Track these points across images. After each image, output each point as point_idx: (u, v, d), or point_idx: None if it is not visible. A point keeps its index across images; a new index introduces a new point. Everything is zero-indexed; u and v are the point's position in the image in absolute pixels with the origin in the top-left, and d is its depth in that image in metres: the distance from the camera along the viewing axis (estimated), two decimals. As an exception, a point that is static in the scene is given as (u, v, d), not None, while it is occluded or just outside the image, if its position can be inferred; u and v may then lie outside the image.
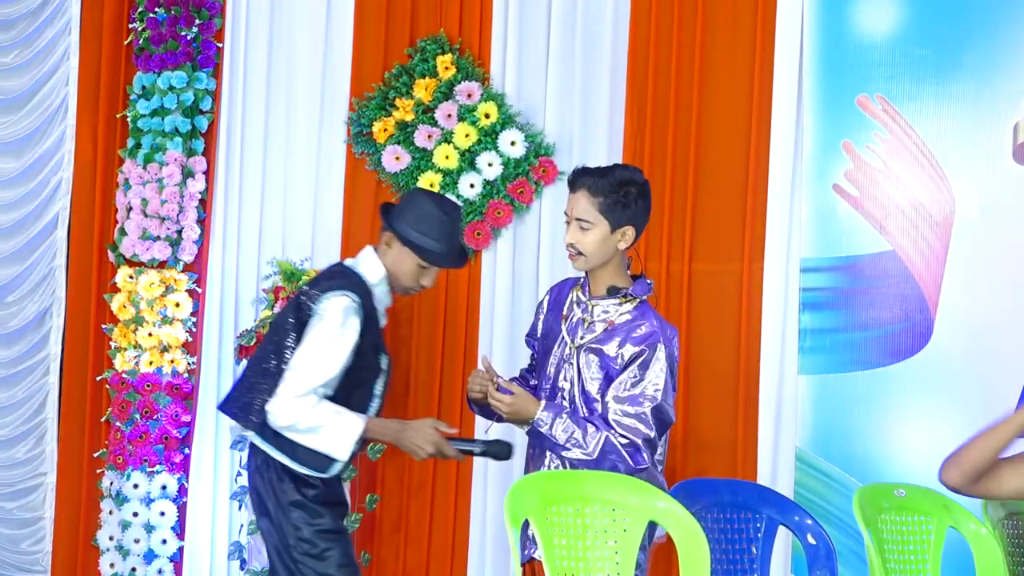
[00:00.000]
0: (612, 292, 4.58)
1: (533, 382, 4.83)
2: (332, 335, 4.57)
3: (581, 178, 4.61)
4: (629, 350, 4.48)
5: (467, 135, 6.61)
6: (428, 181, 6.63)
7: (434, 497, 6.66)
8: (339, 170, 6.91)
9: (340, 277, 4.74)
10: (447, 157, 6.62)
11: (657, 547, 5.88)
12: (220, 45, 7.03)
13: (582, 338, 4.54)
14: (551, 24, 6.62)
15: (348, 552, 4.75)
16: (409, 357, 6.72)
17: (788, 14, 6.26)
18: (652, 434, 4.43)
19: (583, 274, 4.74)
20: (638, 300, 4.58)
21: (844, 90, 6.17)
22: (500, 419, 4.63)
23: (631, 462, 4.40)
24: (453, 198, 6.62)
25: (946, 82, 6.04)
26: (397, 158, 6.72)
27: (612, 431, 4.41)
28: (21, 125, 7.32)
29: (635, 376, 4.46)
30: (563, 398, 4.54)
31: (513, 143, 6.56)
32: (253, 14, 7.03)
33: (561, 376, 4.56)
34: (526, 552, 4.45)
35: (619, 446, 4.39)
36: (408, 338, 6.74)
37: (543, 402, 4.50)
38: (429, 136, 6.67)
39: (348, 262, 4.90)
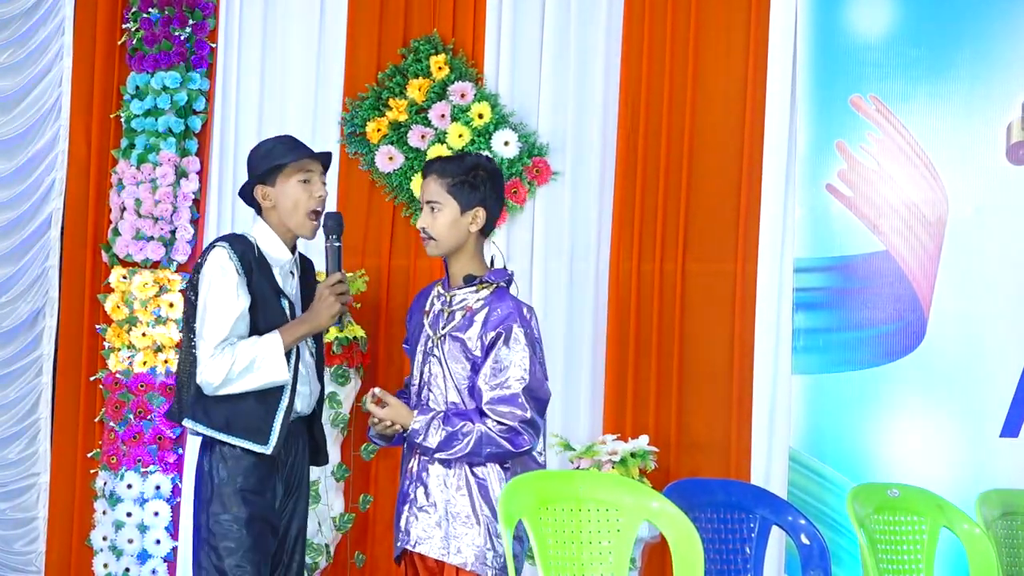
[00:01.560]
0: (468, 280, 4.54)
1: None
2: (213, 286, 4.60)
3: (431, 164, 4.61)
4: (488, 335, 4.44)
5: (460, 135, 6.61)
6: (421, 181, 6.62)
7: (428, 497, 6.65)
8: (332, 170, 6.88)
9: (220, 236, 4.82)
10: (441, 157, 6.62)
11: (651, 547, 5.90)
12: (213, 45, 7.03)
13: (443, 328, 4.53)
14: (544, 24, 6.62)
15: (249, 555, 4.66)
16: (403, 358, 6.71)
17: (781, 14, 6.27)
18: (529, 415, 4.36)
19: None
20: (494, 286, 4.54)
21: (837, 90, 6.17)
22: (399, 439, 4.61)
23: (511, 447, 4.34)
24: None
25: (939, 82, 6.04)
26: (391, 158, 6.72)
27: (487, 420, 4.38)
28: (14, 125, 7.31)
29: (497, 360, 4.42)
30: (430, 391, 4.53)
31: (507, 143, 6.56)
32: (246, 14, 7.03)
33: (427, 369, 4.55)
34: (397, 544, 4.51)
35: (495, 435, 4.34)
36: (401, 338, 6.72)
37: (415, 412, 4.49)
38: (423, 136, 6.67)
39: None
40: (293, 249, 4.78)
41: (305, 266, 4.91)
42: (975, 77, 5.99)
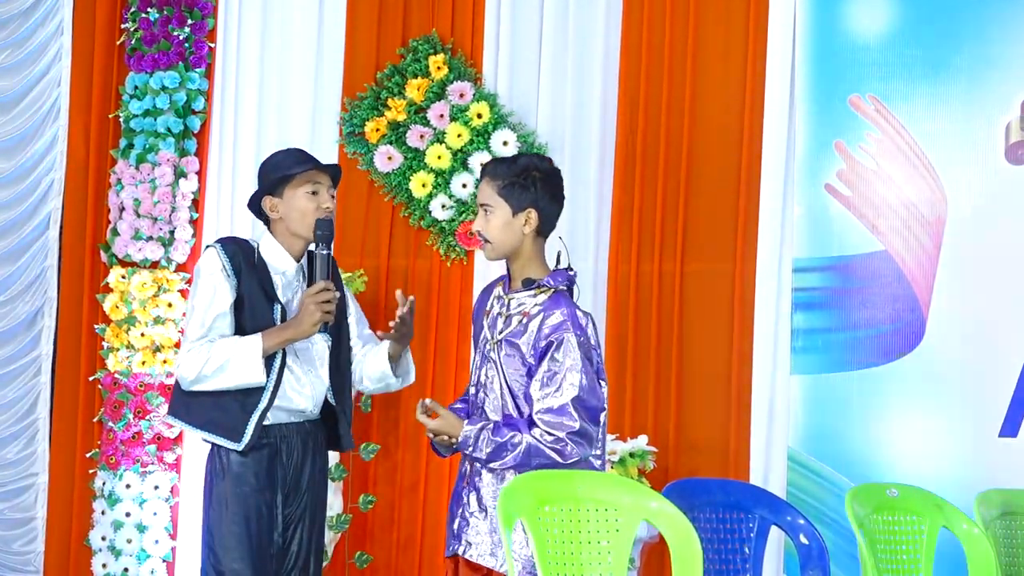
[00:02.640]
0: (527, 284, 4.53)
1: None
2: (198, 284, 4.69)
3: (485, 166, 4.60)
4: (540, 343, 4.42)
5: (459, 135, 6.61)
6: (421, 181, 6.63)
7: (426, 497, 6.65)
8: (331, 170, 6.90)
9: (219, 239, 4.85)
10: (439, 157, 6.62)
11: (650, 547, 5.89)
12: (212, 45, 7.03)
13: (500, 332, 4.52)
14: (543, 24, 6.62)
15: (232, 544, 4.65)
16: (402, 357, 6.71)
17: (780, 14, 6.27)
18: (578, 425, 4.34)
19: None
20: (552, 290, 4.52)
21: (836, 90, 6.17)
22: (452, 449, 4.59)
23: (559, 458, 4.32)
24: (445, 198, 6.62)
25: (938, 82, 6.04)
26: (389, 158, 6.72)
27: (535, 431, 4.35)
28: (13, 125, 7.31)
29: (549, 369, 4.39)
30: (486, 394, 4.52)
31: (505, 143, 6.56)
32: (245, 14, 7.03)
33: (483, 373, 4.54)
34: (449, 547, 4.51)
35: (544, 446, 4.32)
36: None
37: (465, 422, 4.47)
38: (421, 136, 6.67)
39: None
40: (299, 259, 4.78)
41: (319, 268, 4.84)
42: (974, 77, 5.99)
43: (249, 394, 4.62)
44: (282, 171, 4.77)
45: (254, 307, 4.66)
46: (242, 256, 4.67)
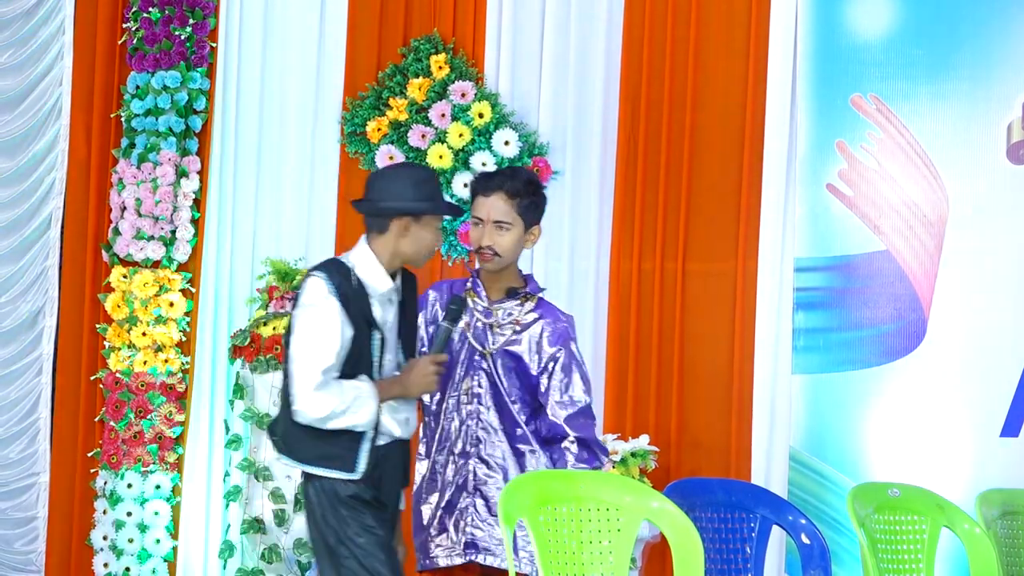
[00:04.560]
0: (512, 294, 4.59)
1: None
2: (313, 315, 4.42)
3: (493, 181, 4.59)
4: (546, 351, 4.53)
5: (461, 135, 6.61)
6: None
7: (428, 496, 6.65)
8: (333, 170, 6.91)
9: (315, 266, 4.60)
10: (441, 157, 6.62)
11: (651, 546, 5.90)
12: (214, 45, 7.03)
13: (495, 343, 4.55)
14: (545, 24, 6.62)
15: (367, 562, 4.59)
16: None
17: (782, 14, 6.27)
18: (595, 433, 4.52)
19: (469, 280, 4.67)
20: (537, 297, 4.59)
21: (838, 90, 6.17)
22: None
23: (598, 463, 4.49)
24: (447, 198, 6.63)
25: (940, 82, 6.04)
26: (391, 158, 6.72)
27: (568, 454, 4.47)
28: (15, 125, 7.32)
29: (563, 379, 4.52)
30: (480, 403, 4.54)
31: (507, 143, 6.56)
32: (247, 14, 7.03)
33: (475, 383, 4.56)
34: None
35: (578, 464, 4.47)
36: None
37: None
38: (423, 136, 6.67)
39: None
40: (394, 276, 4.56)
41: (405, 286, 4.65)
42: (975, 77, 5.99)
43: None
44: (435, 201, 4.52)
45: (358, 337, 4.55)
46: (344, 283, 4.46)
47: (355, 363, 4.42)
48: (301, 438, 4.45)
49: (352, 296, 4.42)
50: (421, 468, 4.72)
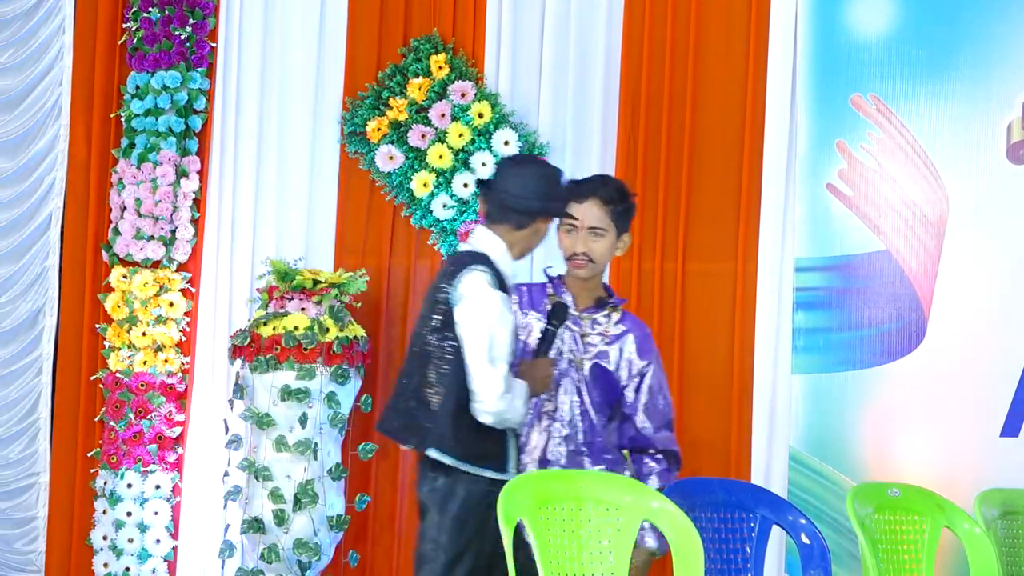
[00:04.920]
0: (600, 304, 4.68)
1: None
2: (489, 310, 4.38)
3: (586, 187, 4.66)
4: (636, 364, 4.65)
5: (461, 135, 6.61)
6: (422, 181, 6.64)
7: (428, 496, 6.65)
8: (333, 169, 6.91)
9: (464, 258, 4.52)
10: (441, 157, 6.62)
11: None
12: (214, 45, 7.03)
13: (586, 353, 4.60)
14: (545, 24, 6.62)
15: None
16: (402, 356, 6.68)
17: (782, 13, 6.27)
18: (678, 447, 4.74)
19: (549, 286, 4.73)
20: (621, 309, 4.69)
21: (838, 89, 6.17)
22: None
23: (668, 482, 4.69)
24: (447, 198, 6.63)
25: (940, 81, 6.04)
26: (391, 157, 6.72)
27: (652, 458, 4.66)
28: (15, 125, 7.32)
29: (652, 393, 4.67)
30: (556, 406, 4.58)
31: (507, 143, 6.56)
32: (247, 13, 7.03)
33: (561, 390, 4.62)
34: None
35: (667, 477, 4.70)
36: (401, 337, 6.74)
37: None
38: (423, 136, 6.67)
39: (465, 246, 4.65)
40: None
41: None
42: (975, 77, 5.99)
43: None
44: (565, 201, 4.60)
45: None
46: (497, 276, 4.46)
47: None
48: (461, 433, 4.40)
49: (503, 288, 4.44)
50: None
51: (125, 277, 6.94)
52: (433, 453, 4.46)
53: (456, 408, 4.39)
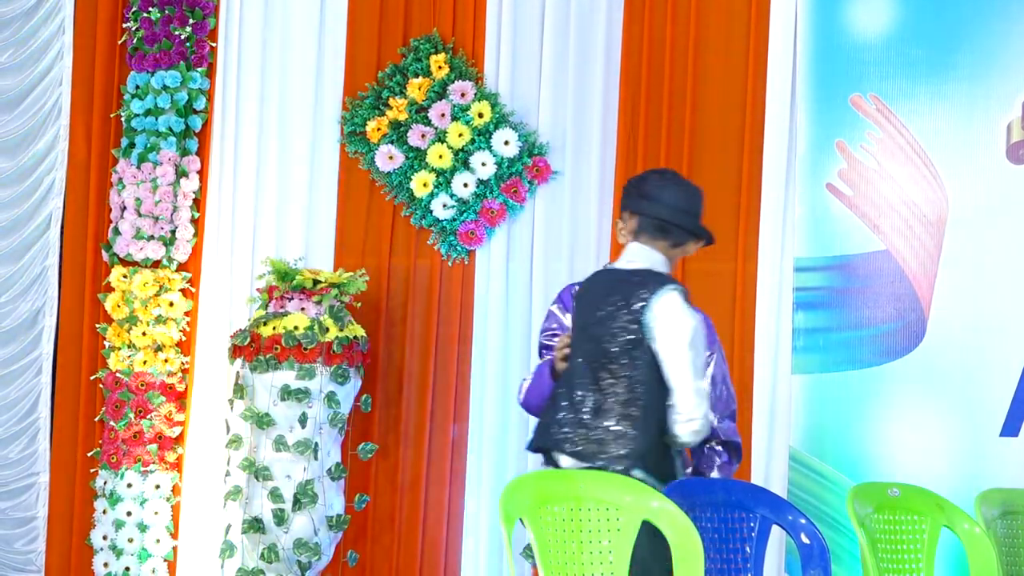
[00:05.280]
0: None
1: None
2: (690, 330, 4.39)
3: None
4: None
5: (460, 134, 6.61)
6: (422, 181, 6.64)
7: (427, 495, 6.66)
8: (332, 169, 6.91)
9: (650, 276, 4.47)
10: (440, 156, 6.62)
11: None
12: (214, 44, 7.03)
13: None
14: (545, 23, 6.62)
15: None
16: (402, 356, 6.72)
17: (782, 13, 6.27)
18: None
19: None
20: None
21: (837, 89, 6.17)
22: None
23: (730, 472, 4.82)
24: (447, 198, 6.63)
25: (940, 81, 6.04)
26: (391, 157, 6.72)
27: (698, 449, 4.76)
28: (15, 125, 7.32)
29: (716, 383, 4.81)
30: None
31: (507, 142, 6.56)
32: (247, 13, 7.03)
33: None
34: None
35: (717, 461, 4.81)
36: (401, 337, 6.74)
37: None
38: (423, 135, 6.67)
39: (629, 263, 4.56)
40: None
41: None
42: (975, 76, 5.99)
43: None
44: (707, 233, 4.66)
45: None
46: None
47: None
48: (658, 452, 4.41)
49: None
50: None
51: (125, 277, 6.94)
52: (638, 474, 4.36)
53: (655, 427, 4.37)
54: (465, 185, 6.60)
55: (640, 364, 4.36)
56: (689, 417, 4.34)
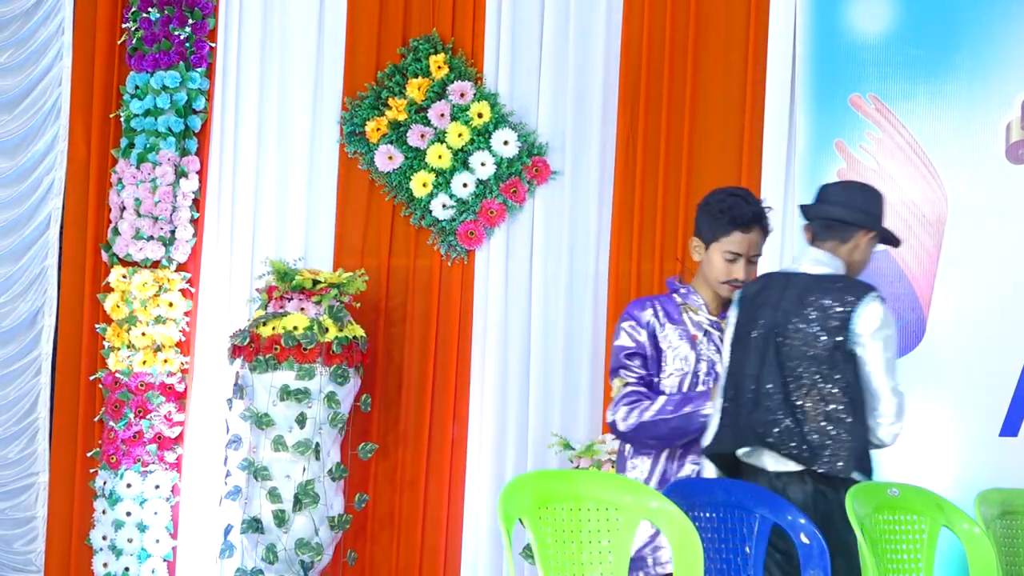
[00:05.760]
0: (727, 305, 4.77)
1: None
2: (894, 337, 4.53)
3: (750, 214, 4.73)
4: None
5: (460, 134, 6.61)
6: (421, 181, 6.64)
7: (427, 495, 6.66)
8: (332, 169, 6.91)
9: (853, 282, 4.53)
10: (440, 156, 6.62)
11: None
12: (213, 45, 7.03)
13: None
14: (544, 24, 6.63)
15: None
16: (402, 356, 6.72)
17: (781, 13, 6.27)
18: None
19: (678, 296, 4.84)
20: None
21: (837, 89, 6.17)
22: None
23: None
24: (446, 198, 6.63)
25: (939, 81, 6.04)
26: (390, 157, 6.72)
27: None
28: (14, 125, 7.32)
29: None
30: None
31: (506, 142, 6.56)
32: (246, 14, 7.03)
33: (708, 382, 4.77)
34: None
35: None
36: (401, 337, 6.74)
37: None
38: (422, 136, 6.67)
39: (812, 267, 4.60)
40: None
41: None
42: (974, 76, 5.99)
43: None
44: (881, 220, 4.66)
45: None
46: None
47: None
48: (869, 457, 4.52)
49: None
50: (644, 468, 4.83)
51: (124, 277, 6.94)
52: (858, 476, 4.46)
53: (863, 429, 4.46)
54: (464, 185, 6.60)
55: (844, 368, 4.42)
56: (891, 421, 4.47)
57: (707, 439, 4.59)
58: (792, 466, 4.48)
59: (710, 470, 4.66)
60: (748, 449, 4.54)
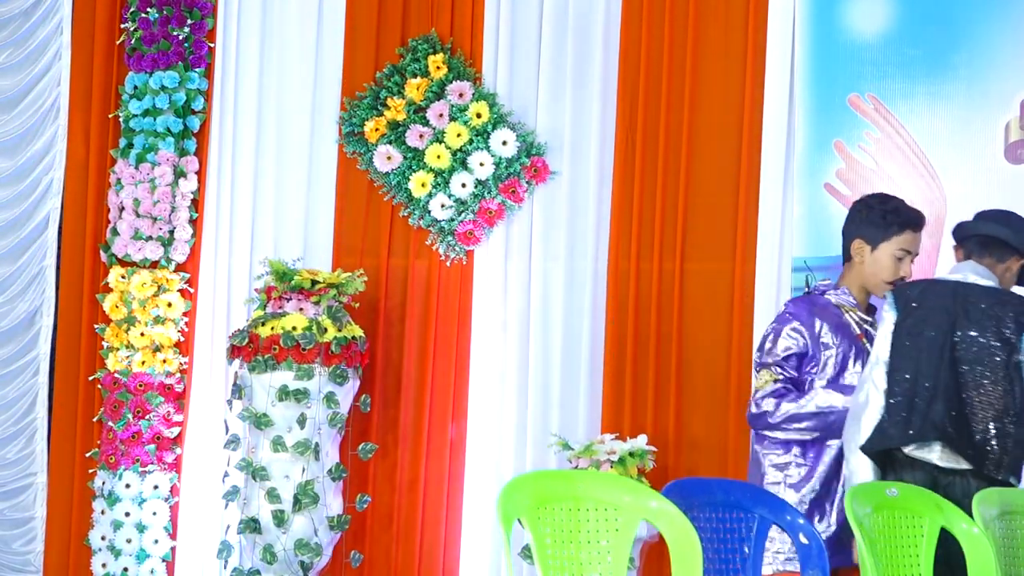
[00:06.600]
0: (870, 305, 5.01)
1: None
2: None
3: (916, 213, 4.99)
4: None
5: (459, 134, 6.61)
6: (420, 181, 6.64)
7: (426, 495, 6.65)
8: (331, 170, 6.91)
9: (1018, 298, 4.68)
10: (439, 156, 6.62)
11: (649, 546, 5.89)
12: (212, 45, 7.03)
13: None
14: (543, 24, 6.63)
15: None
16: (401, 356, 6.72)
17: (780, 13, 6.27)
18: None
19: (834, 297, 5.00)
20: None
21: (835, 89, 6.17)
22: None
23: None
24: (445, 198, 6.63)
25: (938, 81, 6.04)
26: (389, 158, 6.72)
27: None
28: (13, 125, 7.31)
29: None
30: None
31: (505, 142, 6.57)
32: (245, 14, 7.03)
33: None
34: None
35: None
36: (400, 337, 6.74)
37: None
38: (421, 136, 6.67)
39: (981, 280, 4.75)
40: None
41: None
42: (973, 76, 5.99)
43: None
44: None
45: None
46: None
47: None
48: None
49: None
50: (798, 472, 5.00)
51: (123, 277, 6.94)
52: (1013, 480, 4.65)
53: None
54: (463, 185, 6.60)
55: (1014, 377, 4.55)
56: None
57: (864, 436, 4.67)
58: (961, 464, 4.63)
59: (866, 467, 4.74)
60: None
